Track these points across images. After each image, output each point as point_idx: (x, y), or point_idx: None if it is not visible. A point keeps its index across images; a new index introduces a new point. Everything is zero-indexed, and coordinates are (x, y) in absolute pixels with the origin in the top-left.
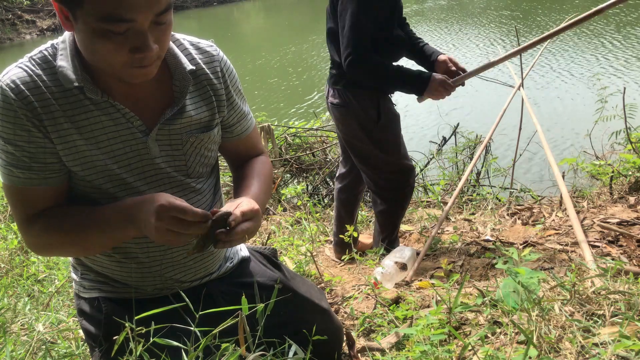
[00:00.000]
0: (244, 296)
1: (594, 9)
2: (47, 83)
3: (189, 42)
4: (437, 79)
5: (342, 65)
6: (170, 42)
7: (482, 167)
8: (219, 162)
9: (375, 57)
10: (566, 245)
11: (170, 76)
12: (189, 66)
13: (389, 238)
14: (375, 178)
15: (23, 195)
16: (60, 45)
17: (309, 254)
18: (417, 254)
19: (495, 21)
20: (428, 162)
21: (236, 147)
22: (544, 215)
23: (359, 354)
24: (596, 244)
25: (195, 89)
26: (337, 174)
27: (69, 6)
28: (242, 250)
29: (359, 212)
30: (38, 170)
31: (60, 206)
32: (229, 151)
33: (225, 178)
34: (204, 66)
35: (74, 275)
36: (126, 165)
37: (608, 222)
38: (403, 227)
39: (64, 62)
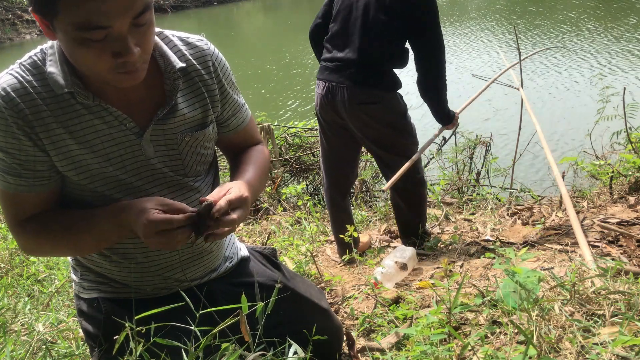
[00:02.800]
0: (243, 295)
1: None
2: (38, 89)
3: (178, 38)
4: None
5: (380, 61)
6: (159, 40)
7: (482, 167)
8: (220, 161)
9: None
10: (566, 245)
11: (161, 75)
12: (179, 64)
13: (424, 224)
14: (411, 167)
15: (14, 200)
16: (49, 50)
17: (309, 254)
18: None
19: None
20: (428, 162)
21: (233, 140)
22: (544, 215)
23: (359, 354)
24: (596, 244)
25: (186, 86)
26: (334, 184)
27: (46, 17)
28: (242, 250)
29: (359, 212)
30: (28, 178)
31: (52, 210)
32: (227, 144)
33: (225, 179)
34: (194, 62)
35: (73, 276)
36: (121, 168)
37: (608, 222)
38: None
39: (53, 68)
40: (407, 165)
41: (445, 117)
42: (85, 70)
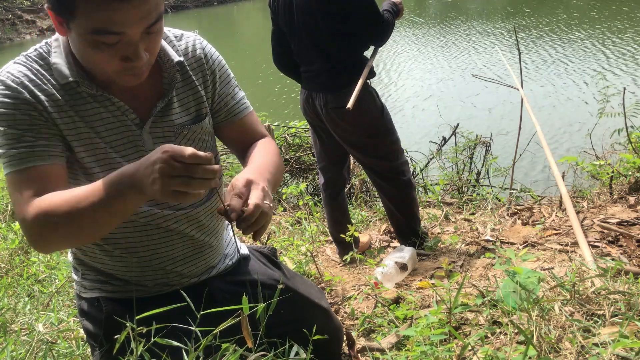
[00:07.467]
0: (244, 295)
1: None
2: (47, 76)
3: (173, 34)
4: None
5: (346, 63)
6: None
7: (482, 167)
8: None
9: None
10: (566, 245)
11: (160, 69)
12: (177, 57)
13: (419, 226)
14: (396, 165)
15: (26, 177)
16: (54, 43)
17: (309, 254)
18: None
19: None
20: (428, 162)
21: (235, 132)
22: (544, 215)
23: (359, 354)
24: (596, 244)
25: (182, 79)
26: (327, 182)
27: (62, 17)
28: (242, 248)
29: (359, 212)
30: (43, 147)
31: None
32: (229, 137)
33: (225, 178)
34: (188, 55)
35: (74, 276)
36: (124, 156)
37: (608, 222)
38: None
39: (58, 59)
40: (360, 82)
41: (394, 20)
42: (92, 69)
